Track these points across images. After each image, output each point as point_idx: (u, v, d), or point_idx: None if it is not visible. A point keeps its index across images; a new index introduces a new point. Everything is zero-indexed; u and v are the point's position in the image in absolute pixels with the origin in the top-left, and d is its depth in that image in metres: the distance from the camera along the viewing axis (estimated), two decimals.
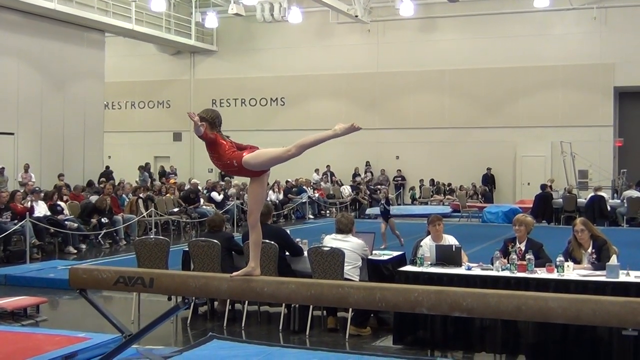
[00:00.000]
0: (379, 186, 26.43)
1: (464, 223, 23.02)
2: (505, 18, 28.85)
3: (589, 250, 7.70)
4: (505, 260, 7.53)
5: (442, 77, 29.68)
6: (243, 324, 8.63)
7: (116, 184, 20.91)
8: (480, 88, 29.17)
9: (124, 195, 18.98)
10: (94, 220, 16.31)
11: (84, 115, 24.68)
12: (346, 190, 27.82)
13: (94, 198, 17.70)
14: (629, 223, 21.45)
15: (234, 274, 5.38)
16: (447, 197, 28.22)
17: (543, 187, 22.98)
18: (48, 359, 6.54)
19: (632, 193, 22.02)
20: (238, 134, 33.67)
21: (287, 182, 25.92)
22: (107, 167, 26.32)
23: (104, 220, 16.45)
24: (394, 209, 26.63)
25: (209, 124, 5.56)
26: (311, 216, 24.91)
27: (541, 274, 7.27)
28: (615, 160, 28.49)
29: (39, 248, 14.61)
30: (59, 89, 23.85)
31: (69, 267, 6.11)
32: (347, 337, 8.04)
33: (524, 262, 7.35)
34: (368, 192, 27.29)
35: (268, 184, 25.36)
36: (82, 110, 24.60)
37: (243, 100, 32.55)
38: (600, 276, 7.12)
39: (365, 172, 30.56)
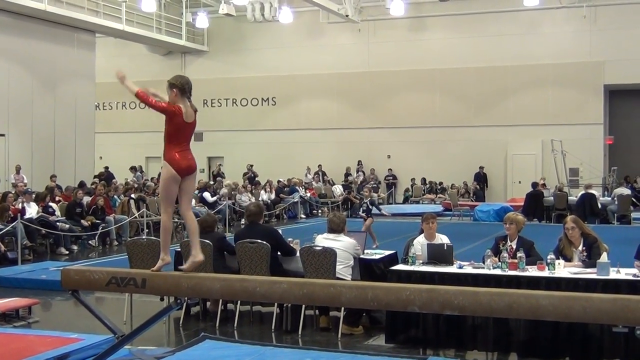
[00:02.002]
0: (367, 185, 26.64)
1: (456, 222, 23.06)
2: (495, 17, 28.93)
3: (580, 247, 7.73)
4: (497, 259, 7.56)
5: (432, 76, 29.74)
6: (235, 324, 8.62)
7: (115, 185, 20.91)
8: (470, 87, 29.25)
9: (115, 196, 18.95)
10: (87, 223, 16.30)
11: (75, 116, 24.62)
12: (338, 189, 27.84)
13: (86, 199, 17.65)
14: (619, 220, 21.52)
15: (181, 267, 5.49)
16: (438, 195, 28.27)
17: (534, 185, 23.04)
18: None
19: (623, 191, 22.11)
20: (230, 133, 33.68)
21: (278, 181, 25.93)
22: (107, 168, 26.24)
23: (86, 222, 16.44)
24: (385, 208, 26.78)
25: (179, 91, 5.54)
26: (303, 216, 24.91)
27: (532, 272, 7.29)
28: (605, 158, 28.60)
29: (31, 249, 14.58)
30: (49, 90, 23.79)
31: (61, 268, 6.12)
32: (339, 336, 8.05)
33: (515, 261, 7.37)
34: (359, 197, 27.20)
35: (259, 183, 25.38)
36: (73, 111, 24.54)
37: (234, 100, 32.54)
38: (591, 274, 7.15)
39: (357, 172, 30.59)
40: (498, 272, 7.34)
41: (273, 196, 24.56)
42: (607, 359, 6.93)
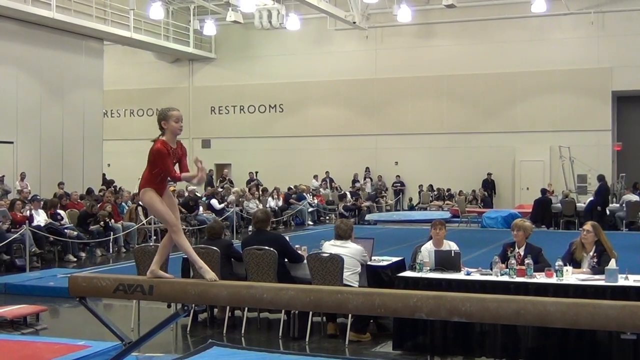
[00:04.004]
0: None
1: (463, 228, 23.02)
2: (502, 23, 28.91)
3: (591, 253, 7.73)
4: (504, 265, 7.54)
5: (440, 82, 29.72)
6: (243, 331, 8.62)
7: (114, 192, 20.91)
8: (478, 93, 29.22)
9: (123, 203, 19.00)
10: (95, 227, 16.37)
11: (83, 124, 24.67)
12: (347, 196, 27.81)
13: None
14: (628, 227, 21.44)
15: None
16: (446, 202, 28.23)
17: (543, 191, 22.97)
18: None
19: (631, 197, 22.02)
20: (237, 140, 33.64)
21: (289, 188, 25.90)
22: (104, 175, 26.28)
23: (98, 226, 16.48)
24: (393, 215, 26.85)
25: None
26: (310, 222, 24.91)
27: (540, 278, 7.27)
28: (614, 164, 28.50)
29: (39, 256, 14.62)
30: (57, 98, 23.86)
31: (69, 275, 6.13)
32: (346, 343, 8.04)
33: (523, 267, 7.35)
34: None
35: (267, 190, 25.37)
36: (81, 119, 24.60)
37: (242, 107, 32.58)
38: (599, 280, 7.13)
39: (365, 179, 30.58)
40: (506, 278, 7.32)
41: (280, 203, 24.55)
42: None
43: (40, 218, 15.54)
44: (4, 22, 21.76)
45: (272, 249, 8.42)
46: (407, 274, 7.96)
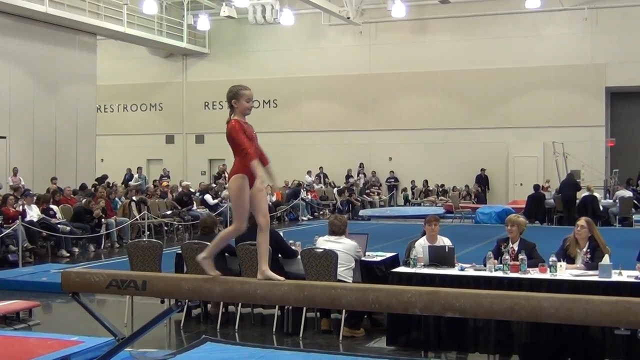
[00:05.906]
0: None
1: (457, 224, 23.04)
2: (496, 19, 28.91)
3: (585, 249, 7.75)
4: (496, 261, 7.55)
5: (434, 78, 29.71)
6: (236, 326, 8.62)
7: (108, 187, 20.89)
8: (472, 89, 29.22)
9: (116, 199, 18.96)
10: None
11: (76, 119, 24.62)
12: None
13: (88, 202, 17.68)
14: (621, 223, 21.51)
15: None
16: (440, 198, 28.24)
17: (536, 187, 23.00)
18: None
19: (624, 193, 22.08)
20: None
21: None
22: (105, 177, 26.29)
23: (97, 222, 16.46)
24: (387, 210, 26.86)
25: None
26: (305, 218, 24.90)
27: (534, 274, 7.29)
28: (607, 160, 28.57)
29: (32, 252, 14.57)
30: (51, 92, 23.79)
31: (62, 270, 6.10)
32: (340, 338, 8.04)
33: (517, 263, 7.37)
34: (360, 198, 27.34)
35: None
36: (74, 114, 24.55)
37: None
38: (592, 276, 7.15)
39: (359, 174, 30.57)
40: (500, 274, 7.34)
41: (274, 199, 24.53)
42: None
43: (33, 213, 15.49)
44: None
45: None
46: (401, 269, 7.96)
